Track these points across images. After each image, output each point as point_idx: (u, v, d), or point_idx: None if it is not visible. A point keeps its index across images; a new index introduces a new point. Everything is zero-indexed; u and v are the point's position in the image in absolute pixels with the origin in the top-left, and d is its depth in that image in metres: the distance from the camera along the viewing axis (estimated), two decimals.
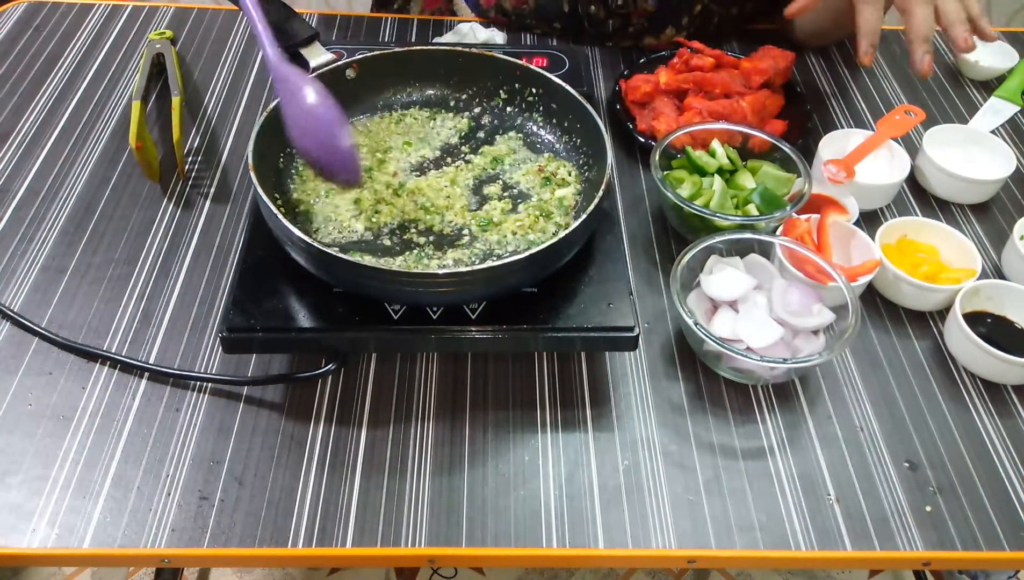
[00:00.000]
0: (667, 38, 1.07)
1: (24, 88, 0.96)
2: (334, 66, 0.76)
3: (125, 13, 1.08)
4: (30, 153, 0.88)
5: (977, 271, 0.75)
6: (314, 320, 0.63)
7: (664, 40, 1.07)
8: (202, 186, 0.85)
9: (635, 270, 0.78)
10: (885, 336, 0.75)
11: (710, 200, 0.78)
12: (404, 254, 0.67)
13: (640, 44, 1.08)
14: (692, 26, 1.06)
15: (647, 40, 1.07)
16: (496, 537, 0.60)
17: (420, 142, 0.78)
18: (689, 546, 0.60)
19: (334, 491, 0.62)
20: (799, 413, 0.69)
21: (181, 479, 0.62)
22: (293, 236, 0.60)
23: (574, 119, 0.77)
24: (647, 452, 0.65)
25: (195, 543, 0.59)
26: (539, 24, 1.09)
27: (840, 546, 0.61)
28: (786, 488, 0.64)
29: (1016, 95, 1.02)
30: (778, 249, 0.73)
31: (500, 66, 0.80)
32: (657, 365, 0.71)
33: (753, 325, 0.68)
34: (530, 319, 0.64)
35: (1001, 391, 0.71)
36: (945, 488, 0.64)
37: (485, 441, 0.66)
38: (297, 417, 0.66)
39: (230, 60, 1.02)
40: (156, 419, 0.66)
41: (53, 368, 0.69)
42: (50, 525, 0.59)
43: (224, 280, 0.76)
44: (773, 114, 0.92)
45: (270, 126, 0.69)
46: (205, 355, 0.70)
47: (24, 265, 0.76)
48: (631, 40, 1.07)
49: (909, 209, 0.87)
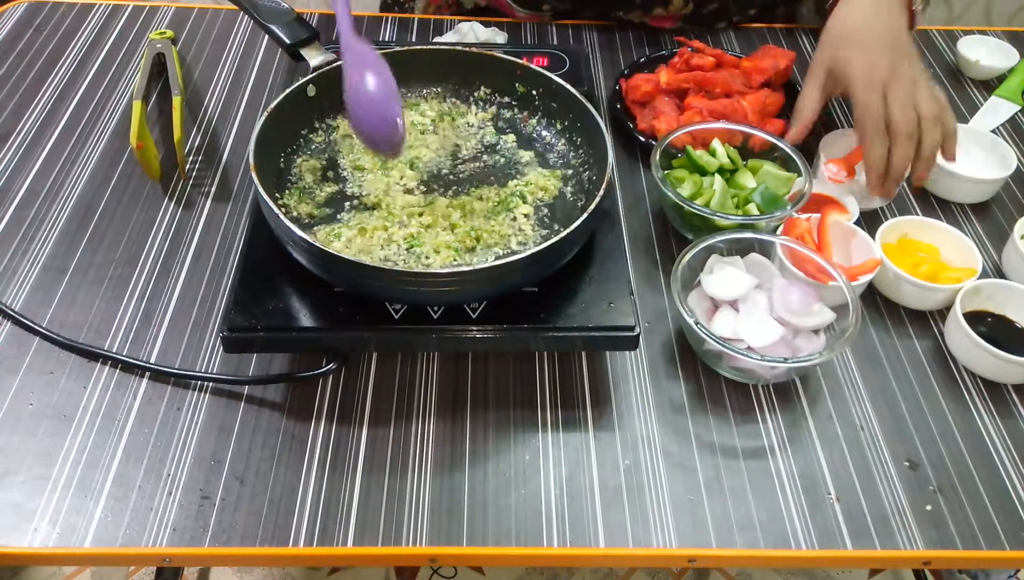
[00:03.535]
0: (676, 9, 1.06)
1: (25, 88, 0.96)
2: (334, 66, 0.76)
3: (126, 13, 1.08)
4: (31, 153, 0.88)
5: (977, 270, 0.75)
6: (315, 320, 0.63)
7: (673, 11, 1.06)
8: (203, 186, 0.85)
9: (636, 269, 0.78)
10: (885, 335, 0.75)
11: (711, 199, 0.78)
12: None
13: (648, 15, 1.07)
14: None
15: (656, 11, 1.06)
16: (497, 536, 0.60)
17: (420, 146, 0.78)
18: (689, 545, 0.60)
19: (335, 490, 0.62)
20: (799, 412, 0.69)
21: (182, 478, 0.62)
22: (294, 235, 0.60)
23: (574, 118, 0.77)
24: (648, 451, 0.65)
25: (196, 542, 0.59)
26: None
27: (840, 545, 0.61)
28: (786, 487, 0.64)
29: (1016, 94, 1.02)
30: (779, 248, 0.73)
31: (500, 66, 0.80)
32: (658, 364, 0.71)
33: (754, 324, 0.68)
34: (531, 318, 0.64)
35: (1001, 390, 0.71)
36: (945, 487, 0.64)
37: (486, 440, 0.66)
38: (298, 416, 0.67)
39: (231, 60, 1.02)
40: (157, 418, 0.66)
41: (54, 368, 0.69)
42: (51, 524, 0.59)
43: (225, 280, 0.76)
44: (773, 113, 0.92)
45: (271, 126, 0.70)
46: (206, 355, 0.70)
47: (25, 265, 0.76)
48: (639, 11, 1.06)
49: (909, 208, 0.87)
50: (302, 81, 0.74)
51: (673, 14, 1.06)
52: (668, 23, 1.08)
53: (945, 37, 1.13)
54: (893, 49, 0.82)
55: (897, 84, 0.79)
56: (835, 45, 0.85)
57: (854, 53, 0.82)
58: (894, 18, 0.85)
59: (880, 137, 0.79)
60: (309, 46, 0.77)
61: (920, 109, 0.79)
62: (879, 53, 0.81)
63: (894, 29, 0.84)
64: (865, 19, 0.85)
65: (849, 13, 0.86)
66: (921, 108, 0.79)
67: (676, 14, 1.07)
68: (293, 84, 0.74)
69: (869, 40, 0.83)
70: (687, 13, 1.07)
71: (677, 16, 1.07)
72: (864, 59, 0.81)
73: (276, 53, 1.03)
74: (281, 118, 0.72)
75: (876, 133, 0.79)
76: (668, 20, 1.07)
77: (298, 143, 0.76)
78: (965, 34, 1.11)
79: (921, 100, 0.80)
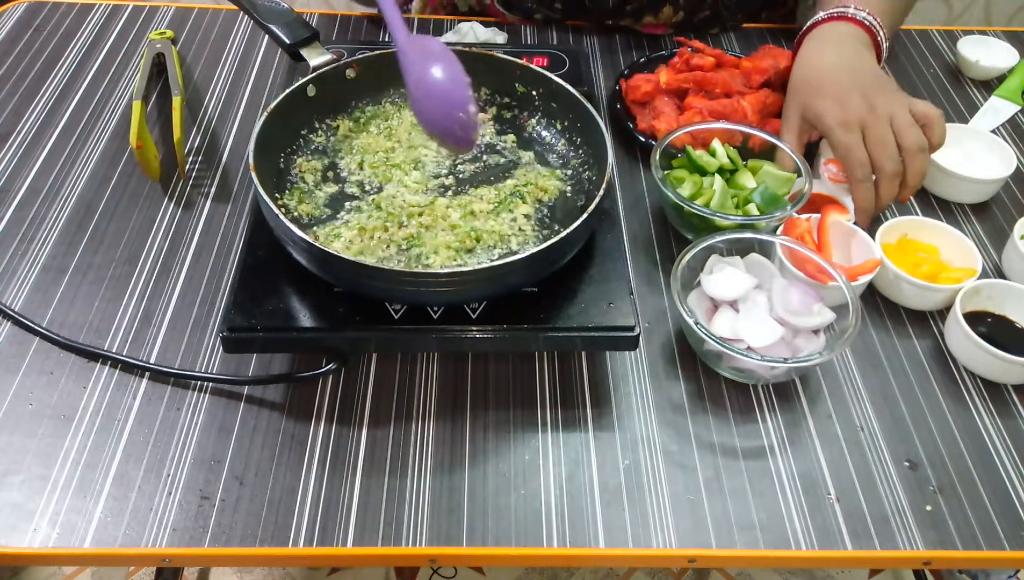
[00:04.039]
0: (666, 17, 1.06)
1: (25, 88, 0.96)
2: (334, 66, 0.76)
3: (125, 13, 1.08)
4: (31, 153, 0.88)
5: (977, 271, 0.75)
6: (315, 320, 0.63)
7: (663, 20, 1.06)
8: (203, 186, 0.85)
9: (635, 270, 0.78)
10: (885, 336, 0.75)
11: (710, 200, 0.78)
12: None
13: (639, 24, 1.07)
14: (688, 4, 1.06)
15: (646, 19, 1.06)
16: (497, 537, 0.60)
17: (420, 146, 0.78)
18: (689, 545, 0.60)
19: (335, 491, 0.62)
20: (799, 412, 0.69)
21: (182, 479, 0.62)
22: (294, 236, 0.61)
23: (574, 119, 0.77)
24: (647, 451, 0.65)
25: (196, 543, 0.59)
26: (540, 7, 1.09)
27: (840, 545, 0.61)
28: (786, 487, 0.64)
29: (1016, 95, 1.02)
30: (778, 249, 0.73)
31: (500, 66, 0.80)
32: (658, 365, 0.71)
33: (753, 324, 0.68)
34: (531, 319, 0.64)
35: (1001, 391, 0.71)
36: (945, 487, 0.64)
37: (486, 440, 0.66)
38: (298, 417, 0.67)
39: (231, 60, 1.02)
40: (157, 419, 0.66)
41: (54, 368, 0.69)
42: (51, 525, 0.59)
43: (225, 280, 0.76)
44: (773, 113, 0.92)
45: (271, 126, 0.70)
46: (206, 355, 0.70)
47: (25, 265, 0.76)
48: (631, 18, 1.07)
49: (909, 208, 0.87)
50: (302, 81, 0.74)
51: (663, 22, 1.07)
52: (659, 30, 1.08)
53: (945, 37, 1.13)
54: (865, 85, 0.80)
55: (875, 121, 0.78)
56: (804, 91, 0.83)
57: (825, 97, 0.81)
58: (862, 56, 0.85)
59: (866, 178, 0.78)
60: (309, 46, 0.77)
61: (902, 141, 0.78)
62: (850, 92, 0.80)
63: (863, 66, 0.83)
64: (831, 60, 0.84)
65: (814, 56, 0.85)
66: (902, 141, 0.78)
67: (667, 22, 1.07)
68: (293, 84, 0.74)
69: (838, 81, 0.81)
70: (678, 21, 1.07)
71: (667, 24, 1.07)
72: (836, 102, 0.80)
73: (276, 53, 1.03)
74: (281, 118, 0.72)
75: (862, 174, 0.78)
76: (659, 28, 1.07)
77: (298, 143, 0.76)
78: (965, 34, 1.11)
79: (900, 132, 0.78)
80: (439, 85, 0.61)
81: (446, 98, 0.61)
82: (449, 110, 0.61)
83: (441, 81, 0.61)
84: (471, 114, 0.61)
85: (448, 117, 0.61)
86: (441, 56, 0.62)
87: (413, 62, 0.63)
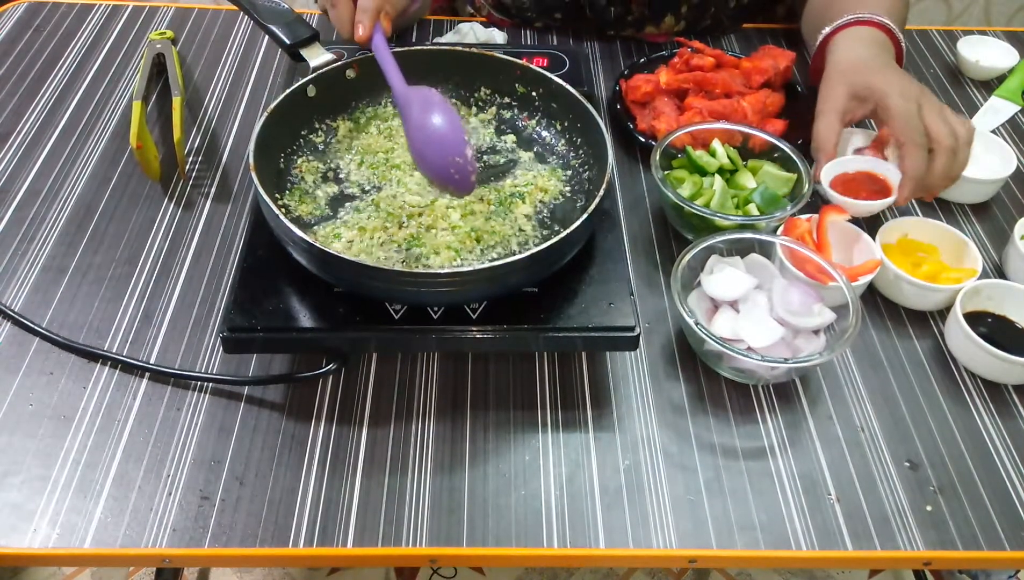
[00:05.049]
0: (667, 27, 1.06)
1: (24, 88, 0.96)
2: (334, 66, 0.76)
3: (125, 13, 1.08)
4: (31, 153, 0.88)
5: (978, 271, 0.75)
6: (315, 320, 0.63)
7: (664, 29, 1.07)
8: (203, 186, 0.85)
9: (635, 270, 0.78)
10: (886, 336, 0.75)
11: (710, 200, 0.78)
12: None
13: (641, 33, 1.07)
14: (691, 15, 1.06)
15: (648, 29, 1.07)
16: (497, 537, 0.60)
17: None
18: (690, 546, 0.60)
19: (335, 491, 0.62)
20: (800, 413, 0.69)
21: (182, 479, 0.62)
22: (294, 236, 0.60)
23: (574, 119, 0.77)
24: (648, 452, 0.65)
25: (196, 543, 0.59)
26: (540, 16, 1.09)
27: (841, 546, 0.61)
28: (787, 488, 0.64)
29: (1016, 95, 1.02)
30: (779, 249, 0.73)
31: (500, 66, 0.80)
32: (658, 365, 0.71)
33: (754, 325, 0.68)
34: (531, 319, 0.64)
35: (1001, 391, 0.71)
36: (946, 488, 0.64)
37: (486, 441, 0.66)
38: (298, 417, 0.67)
39: (231, 60, 1.02)
40: (157, 419, 0.66)
41: (54, 368, 0.69)
42: (51, 525, 0.59)
43: (225, 280, 0.76)
44: (773, 114, 0.92)
45: (271, 126, 0.70)
46: (206, 355, 0.70)
47: (25, 265, 0.76)
48: (632, 28, 1.07)
49: (910, 208, 0.87)
50: (302, 81, 0.74)
51: (665, 31, 1.07)
52: (661, 39, 1.08)
53: (945, 37, 1.13)
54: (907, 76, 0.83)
55: (930, 100, 0.80)
56: (853, 71, 0.84)
57: (880, 73, 0.83)
58: (890, 54, 0.88)
59: (922, 146, 0.78)
60: (309, 46, 0.77)
61: (955, 128, 0.79)
62: (903, 75, 0.83)
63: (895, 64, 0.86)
64: (869, 54, 0.86)
65: (851, 51, 0.87)
66: (956, 128, 0.79)
67: (668, 31, 1.07)
68: (293, 84, 0.74)
69: (888, 64, 0.84)
70: (679, 30, 1.08)
71: (669, 33, 1.07)
72: (895, 76, 0.82)
73: (276, 53, 1.03)
74: (281, 118, 0.72)
75: (920, 140, 0.78)
76: (660, 36, 1.08)
77: (298, 144, 0.76)
78: (965, 34, 1.11)
79: (954, 121, 0.79)
80: (437, 131, 0.64)
81: (443, 142, 0.63)
82: (446, 154, 0.63)
83: (439, 127, 0.64)
84: (468, 159, 0.63)
85: (444, 162, 0.63)
86: (439, 105, 0.65)
87: (412, 107, 0.65)
